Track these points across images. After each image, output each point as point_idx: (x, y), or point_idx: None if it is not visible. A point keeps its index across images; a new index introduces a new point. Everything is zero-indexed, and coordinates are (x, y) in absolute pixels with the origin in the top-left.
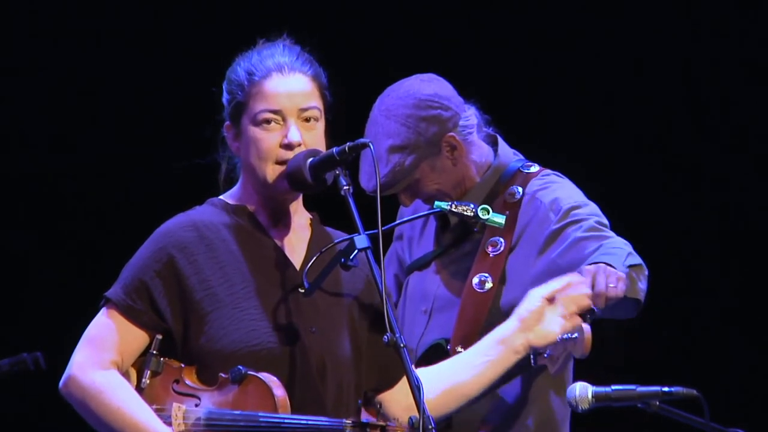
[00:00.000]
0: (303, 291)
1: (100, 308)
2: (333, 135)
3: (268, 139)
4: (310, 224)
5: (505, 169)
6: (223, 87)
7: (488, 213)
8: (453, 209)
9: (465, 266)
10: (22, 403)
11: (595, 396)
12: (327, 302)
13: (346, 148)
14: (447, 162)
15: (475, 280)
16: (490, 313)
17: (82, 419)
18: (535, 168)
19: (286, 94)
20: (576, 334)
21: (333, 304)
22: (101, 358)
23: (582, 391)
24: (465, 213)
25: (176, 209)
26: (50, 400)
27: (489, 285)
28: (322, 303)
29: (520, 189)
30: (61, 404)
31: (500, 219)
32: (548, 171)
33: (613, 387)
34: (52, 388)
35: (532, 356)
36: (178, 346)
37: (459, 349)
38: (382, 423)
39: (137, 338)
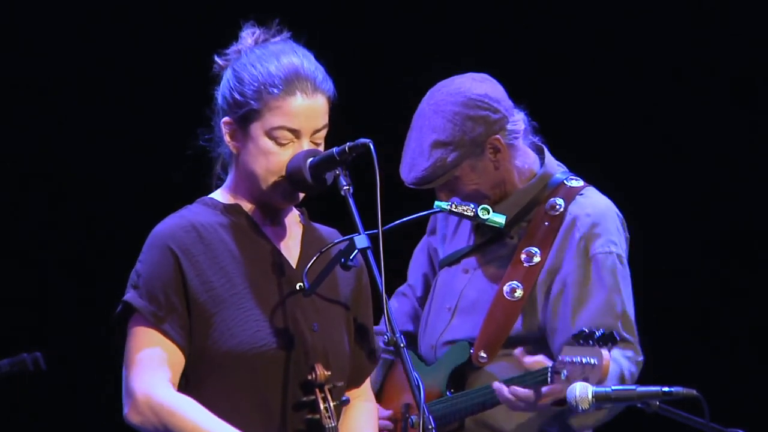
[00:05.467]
0: (303, 291)
1: (118, 315)
2: (334, 134)
3: (280, 154)
4: (300, 220)
5: (549, 179)
6: (229, 81)
7: (488, 213)
8: (453, 209)
9: (494, 269)
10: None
11: (595, 396)
12: (324, 299)
13: (346, 148)
14: (489, 164)
15: (506, 288)
16: (519, 322)
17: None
18: (578, 182)
19: (306, 115)
20: (595, 360)
21: (329, 301)
22: (160, 377)
23: (582, 391)
24: (465, 213)
25: (167, 205)
26: (49, 401)
27: (519, 293)
28: (319, 300)
29: (562, 202)
30: (59, 406)
31: (500, 219)
32: (591, 188)
33: (613, 387)
34: (52, 388)
35: (549, 374)
36: None
37: (482, 353)
38: None
39: (178, 353)
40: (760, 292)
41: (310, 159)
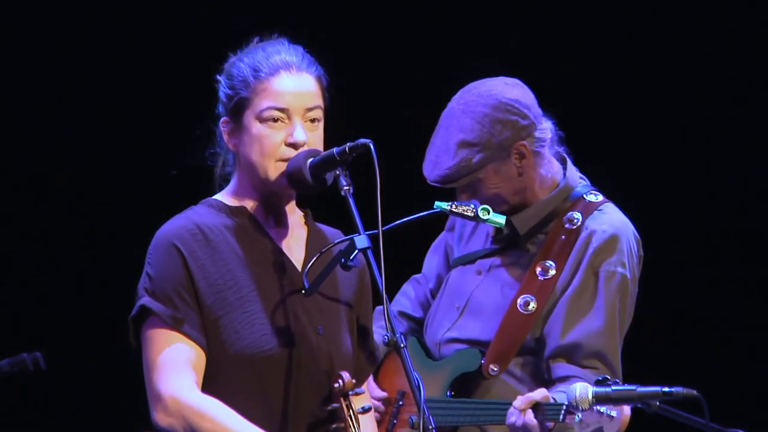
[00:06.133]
0: (303, 291)
1: (134, 318)
2: (333, 134)
3: (273, 136)
4: (305, 222)
5: (570, 192)
6: (222, 83)
7: (488, 213)
8: (454, 209)
9: (508, 276)
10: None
11: (596, 396)
12: (327, 301)
13: (347, 148)
14: (513, 169)
15: (520, 300)
16: (531, 335)
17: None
18: (597, 197)
19: (293, 93)
20: (616, 412)
21: (332, 303)
22: (186, 379)
23: (582, 391)
24: (465, 213)
25: (169, 205)
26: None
27: (533, 307)
28: (323, 302)
29: (580, 216)
30: (59, 406)
31: (500, 219)
32: (610, 204)
33: (613, 387)
34: (52, 388)
35: (562, 411)
36: None
37: (493, 366)
38: None
39: (200, 354)
40: (761, 292)
41: (311, 159)
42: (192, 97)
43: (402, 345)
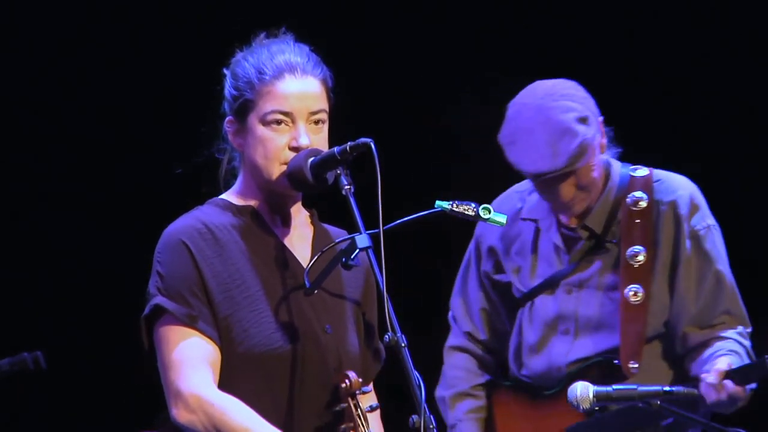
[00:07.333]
0: (305, 290)
1: (147, 318)
2: (334, 134)
3: (276, 139)
4: (311, 222)
5: (619, 177)
6: (227, 81)
7: (489, 212)
8: (454, 208)
9: (604, 280)
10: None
11: (596, 395)
12: (334, 299)
13: (347, 148)
14: (598, 162)
15: (628, 293)
16: (650, 324)
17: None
18: (643, 170)
19: (297, 97)
20: None
21: (339, 301)
22: (205, 376)
23: (583, 390)
24: (466, 212)
25: (167, 205)
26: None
27: (641, 295)
28: (330, 301)
29: (642, 194)
30: (59, 406)
31: (501, 218)
32: (658, 171)
33: (614, 386)
34: (51, 388)
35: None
36: None
37: (632, 364)
38: None
39: (216, 351)
40: (761, 292)
41: (312, 158)
42: (192, 97)
43: (403, 344)
